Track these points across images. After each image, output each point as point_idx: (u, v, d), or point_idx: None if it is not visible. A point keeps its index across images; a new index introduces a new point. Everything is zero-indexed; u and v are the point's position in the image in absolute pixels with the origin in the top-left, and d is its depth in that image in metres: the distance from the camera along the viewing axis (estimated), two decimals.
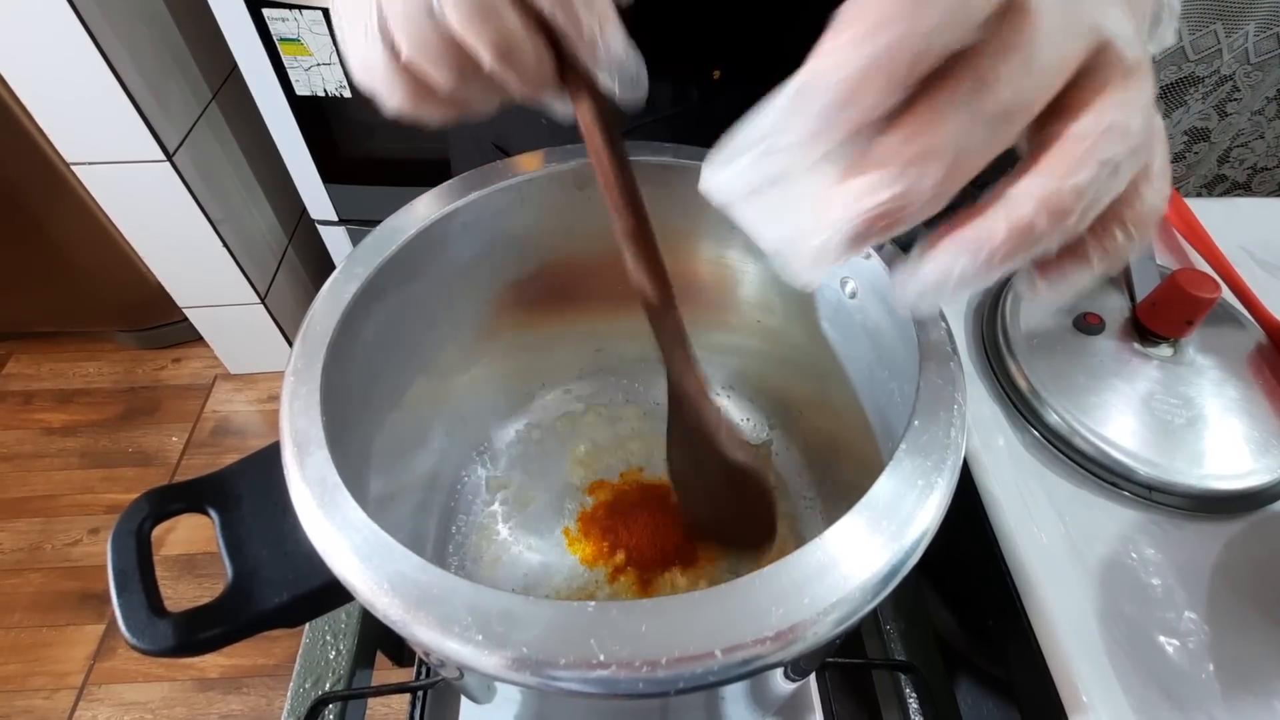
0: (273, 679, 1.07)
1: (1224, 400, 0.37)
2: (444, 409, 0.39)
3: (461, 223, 0.32)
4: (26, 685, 1.05)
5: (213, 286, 1.25)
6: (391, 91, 0.22)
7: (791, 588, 0.20)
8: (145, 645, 0.23)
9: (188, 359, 1.47)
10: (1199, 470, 0.35)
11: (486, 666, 0.19)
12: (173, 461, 1.32)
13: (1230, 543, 0.34)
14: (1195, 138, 1.31)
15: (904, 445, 0.23)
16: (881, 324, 0.30)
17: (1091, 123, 0.16)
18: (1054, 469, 0.37)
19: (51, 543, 1.20)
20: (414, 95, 0.22)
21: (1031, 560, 0.33)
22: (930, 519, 0.22)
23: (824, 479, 0.40)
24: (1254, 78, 1.21)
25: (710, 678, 0.18)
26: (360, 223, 1.18)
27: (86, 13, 0.88)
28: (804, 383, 0.39)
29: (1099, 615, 0.32)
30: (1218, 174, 1.40)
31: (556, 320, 0.40)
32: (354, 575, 0.20)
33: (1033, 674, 0.32)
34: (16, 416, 1.37)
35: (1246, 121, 1.29)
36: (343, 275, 0.28)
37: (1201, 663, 0.30)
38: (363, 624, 0.42)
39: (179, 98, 1.06)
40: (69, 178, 1.08)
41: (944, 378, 0.25)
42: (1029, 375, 0.38)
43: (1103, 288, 0.43)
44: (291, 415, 0.24)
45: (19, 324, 1.41)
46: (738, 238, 0.35)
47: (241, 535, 0.25)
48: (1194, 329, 0.38)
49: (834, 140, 0.15)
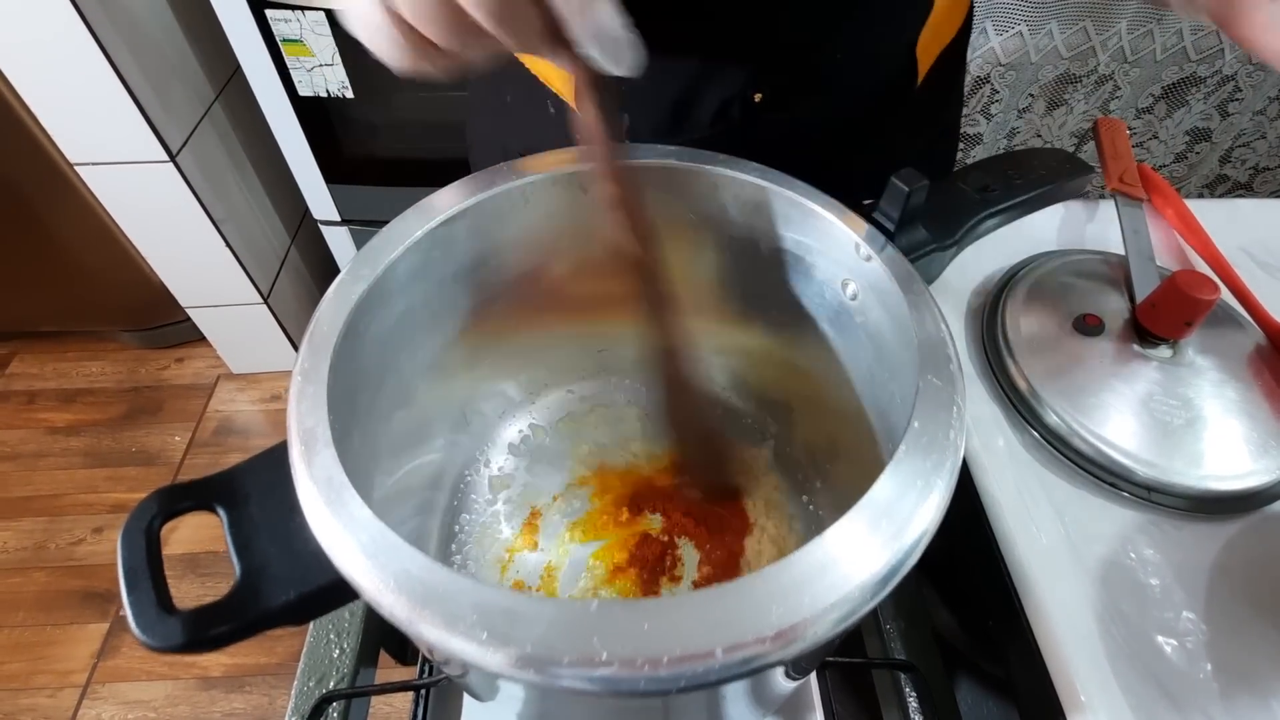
0: (275, 678, 1.07)
1: (1223, 401, 0.38)
2: (448, 409, 0.39)
3: (467, 224, 0.32)
4: (31, 684, 1.06)
5: (215, 286, 1.25)
6: (394, 49, 0.23)
7: (792, 587, 0.20)
8: (155, 642, 0.23)
9: (190, 359, 1.47)
10: (1198, 471, 0.35)
11: (490, 664, 0.19)
12: (176, 461, 1.32)
13: (1229, 543, 0.34)
14: (1197, 138, 1.31)
15: (904, 446, 0.23)
16: (881, 325, 0.30)
17: None
18: (1053, 469, 0.37)
19: (55, 542, 1.20)
20: (416, 52, 0.23)
21: (1031, 560, 0.34)
22: (930, 519, 0.22)
23: (824, 479, 0.40)
24: (1256, 77, 1.20)
25: (711, 676, 0.19)
26: (363, 223, 1.18)
27: (90, 14, 0.88)
28: (804, 384, 0.40)
29: (1098, 615, 0.32)
30: (1219, 174, 1.40)
31: (560, 322, 0.41)
32: (360, 573, 0.21)
33: (1032, 673, 0.32)
34: (20, 416, 1.37)
35: (1248, 121, 1.28)
36: (349, 276, 0.29)
37: (1200, 662, 0.31)
38: (366, 622, 0.42)
39: (182, 99, 1.06)
40: (72, 178, 1.08)
41: (943, 379, 0.25)
42: (1028, 376, 0.39)
43: (1102, 289, 0.43)
44: (299, 415, 0.24)
45: (23, 324, 1.41)
46: (739, 240, 0.35)
47: (249, 533, 0.26)
48: (1193, 330, 0.38)
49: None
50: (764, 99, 0.42)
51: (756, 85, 0.42)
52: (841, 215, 0.31)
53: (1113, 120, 0.53)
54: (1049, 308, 0.42)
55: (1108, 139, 0.51)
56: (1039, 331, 0.41)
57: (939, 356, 0.26)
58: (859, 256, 0.30)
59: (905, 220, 0.30)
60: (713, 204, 0.34)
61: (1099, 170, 0.49)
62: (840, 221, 0.30)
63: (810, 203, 0.31)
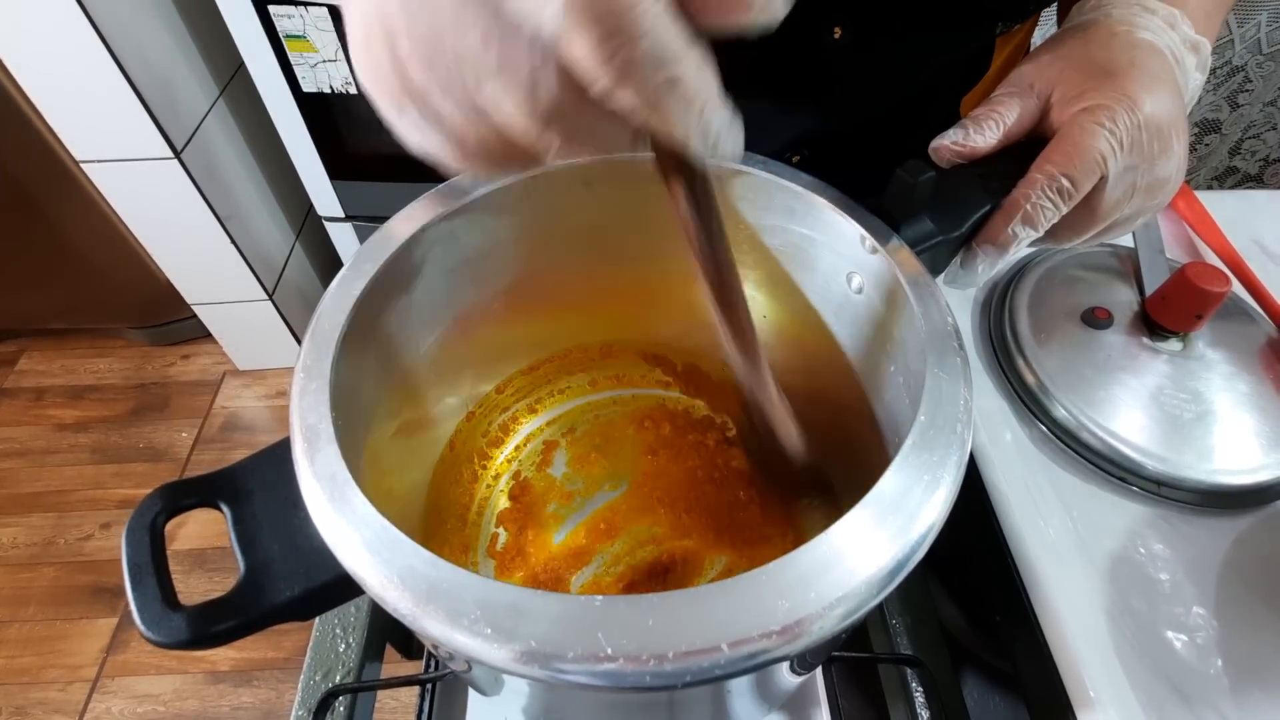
0: (283, 672, 1.08)
1: (1234, 395, 0.37)
2: (452, 404, 0.39)
3: (470, 218, 0.32)
4: (41, 678, 1.07)
5: (221, 283, 1.25)
6: (441, 160, 0.20)
7: (798, 581, 0.20)
8: (160, 638, 0.23)
9: (197, 355, 1.48)
10: (1208, 465, 0.35)
11: (495, 659, 0.19)
12: (182, 457, 1.33)
13: (1239, 538, 0.34)
14: (1206, 129, 1.30)
15: (910, 440, 0.23)
16: (887, 319, 0.30)
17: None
18: (1062, 464, 0.37)
19: (64, 537, 1.21)
20: (467, 165, 0.20)
21: (1039, 555, 0.33)
22: (937, 513, 0.22)
23: (831, 474, 0.40)
24: (1266, 68, 1.19)
25: (717, 671, 0.19)
26: (367, 219, 1.18)
27: (95, 12, 0.88)
28: (810, 378, 0.39)
29: (1106, 610, 0.32)
30: (1229, 166, 1.39)
31: (564, 317, 0.41)
32: (364, 569, 0.21)
33: (1040, 669, 0.32)
34: (28, 413, 1.38)
35: (1258, 113, 1.27)
36: (351, 271, 0.29)
37: (1210, 658, 0.30)
38: (372, 617, 0.42)
39: (186, 96, 1.06)
40: (78, 176, 1.08)
41: (950, 372, 0.25)
42: (1036, 370, 0.38)
43: (1111, 282, 0.43)
44: (301, 411, 0.24)
45: (30, 321, 1.42)
46: (745, 234, 0.35)
47: (253, 530, 0.26)
48: (1204, 323, 0.38)
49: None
50: (803, 160, 0.42)
51: (797, 147, 0.42)
52: (846, 207, 0.30)
53: None
54: (1057, 301, 0.42)
55: None
56: (1047, 325, 0.40)
57: (946, 349, 0.26)
58: (864, 249, 0.30)
59: (911, 212, 0.29)
60: (717, 196, 0.34)
61: None
62: (845, 214, 0.30)
63: (815, 195, 0.31)
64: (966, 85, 0.42)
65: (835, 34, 0.36)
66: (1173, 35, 0.31)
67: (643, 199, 0.35)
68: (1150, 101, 0.28)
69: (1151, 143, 0.29)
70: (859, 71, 0.39)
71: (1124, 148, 0.28)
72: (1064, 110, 0.30)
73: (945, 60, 0.40)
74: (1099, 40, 0.31)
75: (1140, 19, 0.31)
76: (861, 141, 0.42)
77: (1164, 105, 0.29)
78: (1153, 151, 0.29)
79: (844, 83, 0.39)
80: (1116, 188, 0.29)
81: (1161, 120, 0.29)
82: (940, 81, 0.42)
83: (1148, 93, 0.29)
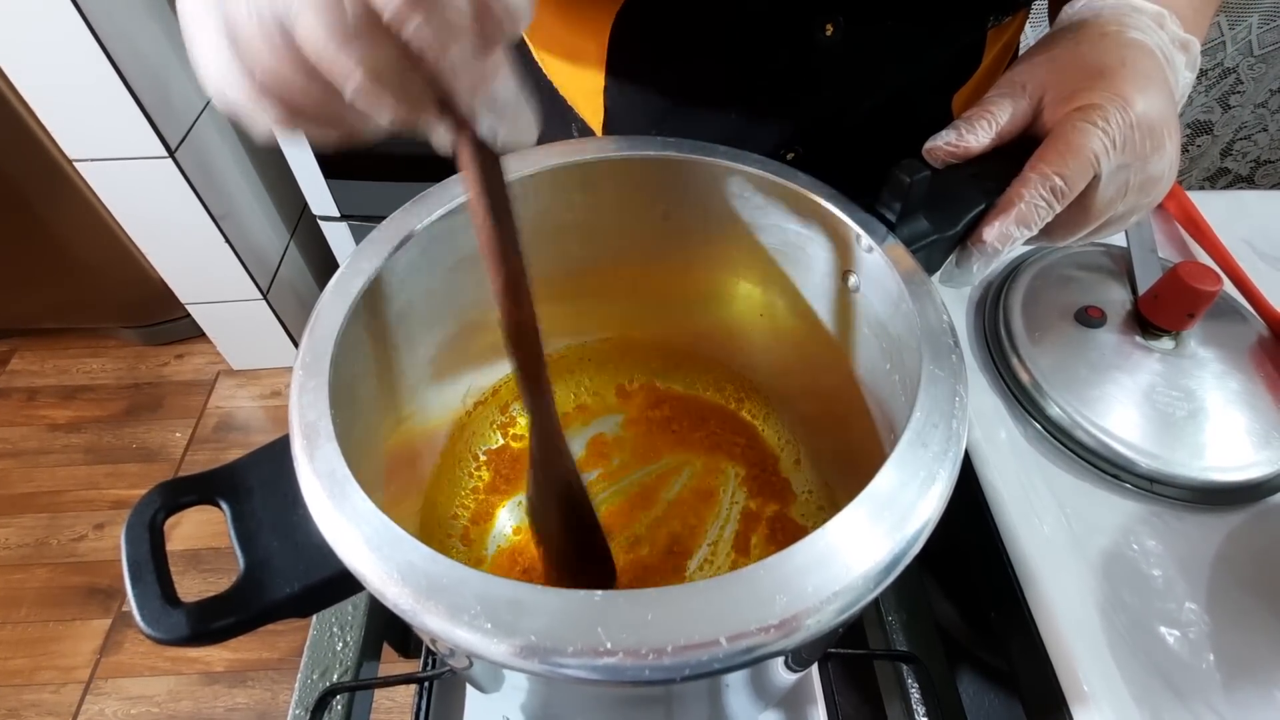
0: (278, 672, 1.07)
1: (1225, 393, 0.38)
2: (449, 402, 0.39)
3: (466, 218, 0.32)
4: (34, 679, 1.06)
5: (215, 282, 1.25)
6: (254, 114, 0.19)
7: (795, 576, 0.20)
8: (160, 634, 0.23)
9: (190, 355, 1.47)
10: (1200, 462, 0.35)
11: (495, 654, 0.19)
12: (176, 457, 1.32)
13: (1231, 534, 0.34)
14: (1198, 131, 1.31)
15: (906, 437, 0.23)
16: (883, 317, 0.30)
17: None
18: (1055, 461, 0.37)
19: (57, 538, 1.21)
20: (282, 118, 0.19)
21: (1033, 552, 0.34)
22: (932, 510, 0.22)
23: (826, 470, 0.40)
24: (1257, 70, 1.20)
25: (715, 665, 0.19)
26: (362, 218, 1.18)
27: (88, 9, 0.88)
28: (806, 376, 0.40)
29: (1100, 606, 0.32)
30: (1220, 167, 1.39)
31: (559, 314, 0.41)
32: (364, 565, 0.21)
33: (1034, 664, 0.32)
34: (21, 413, 1.37)
35: (1250, 114, 1.28)
36: (349, 270, 0.29)
37: (1202, 653, 0.31)
38: (369, 616, 0.42)
39: (180, 94, 1.06)
40: (71, 174, 1.08)
41: (946, 370, 0.25)
42: (1031, 368, 0.39)
43: (1104, 281, 0.43)
44: (301, 409, 0.24)
45: (22, 321, 1.41)
46: (741, 233, 0.35)
47: (253, 527, 0.26)
48: (1196, 322, 0.38)
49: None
50: (797, 157, 0.42)
51: (791, 144, 0.42)
52: (843, 206, 0.31)
53: None
54: (1051, 299, 0.42)
55: None
56: (1041, 323, 0.41)
57: (941, 346, 0.26)
58: (860, 247, 0.30)
59: (907, 211, 0.30)
60: (714, 195, 0.34)
61: None
62: (841, 212, 0.30)
63: (811, 194, 0.31)
64: (958, 80, 0.42)
65: (827, 30, 0.37)
66: (1162, 34, 0.32)
67: (641, 200, 0.35)
68: (1142, 100, 0.29)
69: (1144, 141, 0.29)
70: (851, 67, 0.39)
71: (1116, 146, 0.28)
72: (1056, 110, 0.30)
73: (937, 55, 0.40)
74: (1090, 40, 0.31)
75: (1130, 18, 0.31)
76: (855, 137, 0.42)
77: (1156, 104, 0.29)
78: (1145, 150, 0.29)
79: (836, 79, 0.39)
80: (1109, 186, 0.29)
81: (1153, 118, 0.29)
82: (932, 76, 0.42)
83: (1139, 91, 0.29)
